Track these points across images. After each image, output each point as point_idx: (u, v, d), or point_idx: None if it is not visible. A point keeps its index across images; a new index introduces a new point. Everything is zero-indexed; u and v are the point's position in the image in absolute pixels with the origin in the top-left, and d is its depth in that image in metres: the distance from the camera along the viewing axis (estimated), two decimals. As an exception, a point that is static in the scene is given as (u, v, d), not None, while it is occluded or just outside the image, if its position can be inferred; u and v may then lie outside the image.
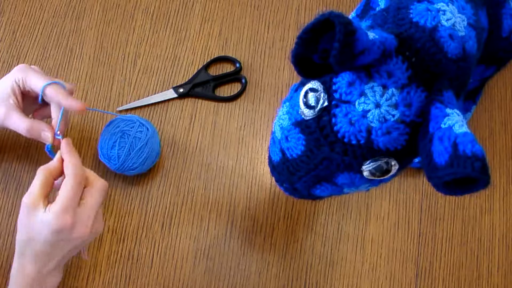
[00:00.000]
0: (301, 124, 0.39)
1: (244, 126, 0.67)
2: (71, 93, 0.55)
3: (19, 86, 0.53)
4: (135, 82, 0.68)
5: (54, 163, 0.51)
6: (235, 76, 0.69)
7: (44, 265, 0.49)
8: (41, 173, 0.49)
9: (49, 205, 0.48)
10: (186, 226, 0.62)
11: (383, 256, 0.62)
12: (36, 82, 0.53)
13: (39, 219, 0.47)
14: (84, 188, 0.50)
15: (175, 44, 0.70)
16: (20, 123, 0.53)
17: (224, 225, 0.62)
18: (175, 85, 0.68)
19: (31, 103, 0.57)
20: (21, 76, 0.53)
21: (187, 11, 0.72)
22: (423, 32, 0.36)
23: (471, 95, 0.62)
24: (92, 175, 0.51)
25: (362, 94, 0.36)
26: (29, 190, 0.48)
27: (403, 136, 0.36)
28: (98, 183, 0.51)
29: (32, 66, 0.55)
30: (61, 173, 0.51)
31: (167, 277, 0.60)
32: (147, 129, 0.60)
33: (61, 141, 0.52)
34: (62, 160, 0.51)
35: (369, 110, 0.36)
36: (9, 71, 0.54)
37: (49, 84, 0.52)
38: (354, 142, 0.37)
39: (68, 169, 0.49)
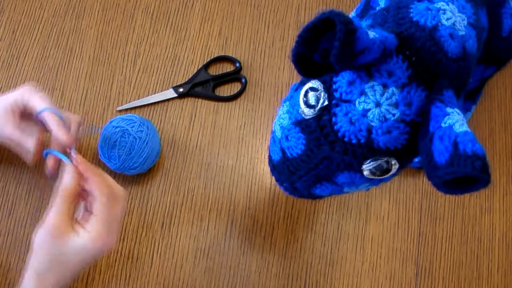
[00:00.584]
0: (301, 123, 0.39)
1: (244, 126, 0.67)
2: (77, 125, 0.55)
3: (21, 106, 0.53)
4: (135, 81, 0.68)
5: (71, 183, 0.47)
6: (235, 75, 0.69)
7: (65, 284, 0.47)
8: (63, 196, 0.46)
9: (78, 226, 0.45)
10: (186, 225, 0.62)
11: (383, 256, 0.62)
12: (36, 104, 0.52)
13: (71, 245, 0.45)
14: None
15: (175, 43, 0.70)
16: (6, 130, 0.53)
17: (224, 224, 0.62)
18: (175, 85, 0.68)
19: (31, 127, 0.56)
20: (26, 98, 0.53)
21: (187, 11, 0.72)
22: (423, 31, 0.36)
23: (471, 95, 0.62)
24: (112, 183, 0.48)
25: (362, 93, 0.36)
26: (52, 214, 0.45)
27: (403, 135, 0.36)
28: (121, 193, 0.48)
29: (40, 93, 0.54)
30: (79, 190, 0.48)
31: (167, 276, 0.60)
32: (148, 128, 0.60)
33: (76, 160, 0.48)
34: (77, 177, 0.47)
35: (369, 109, 0.36)
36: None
37: (47, 110, 0.52)
38: (354, 141, 0.37)
39: (96, 190, 0.47)
